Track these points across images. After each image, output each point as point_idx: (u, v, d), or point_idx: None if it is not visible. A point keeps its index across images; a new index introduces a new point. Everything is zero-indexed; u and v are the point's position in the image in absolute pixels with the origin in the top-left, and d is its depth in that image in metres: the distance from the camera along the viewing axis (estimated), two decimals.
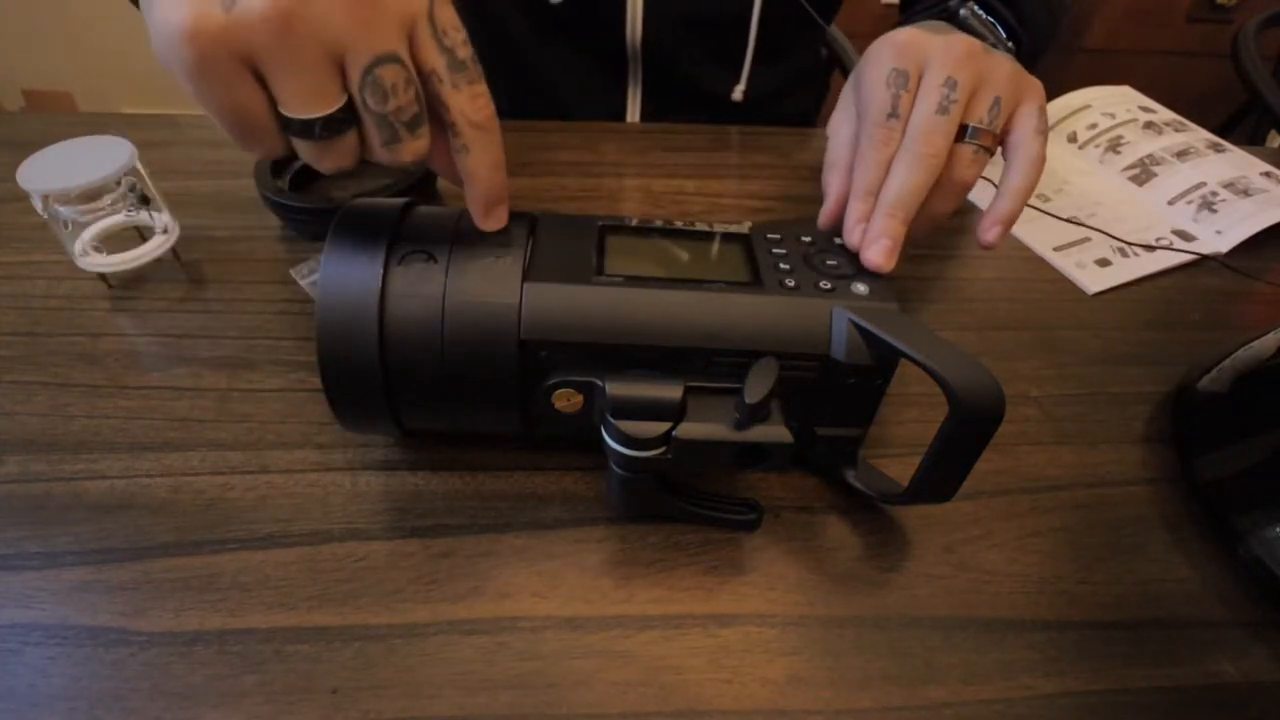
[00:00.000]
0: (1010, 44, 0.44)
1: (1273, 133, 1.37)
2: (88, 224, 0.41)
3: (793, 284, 0.29)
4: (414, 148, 0.25)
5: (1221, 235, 0.51)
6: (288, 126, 0.23)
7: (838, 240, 0.33)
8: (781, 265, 0.30)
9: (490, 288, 0.28)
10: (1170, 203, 0.55)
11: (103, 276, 0.42)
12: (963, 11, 0.41)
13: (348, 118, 0.24)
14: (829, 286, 0.29)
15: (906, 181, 0.31)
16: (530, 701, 0.26)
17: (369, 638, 0.28)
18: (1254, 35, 0.94)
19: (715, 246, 0.32)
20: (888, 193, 0.31)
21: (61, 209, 0.39)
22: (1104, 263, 0.49)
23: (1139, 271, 0.49)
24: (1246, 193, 0.54)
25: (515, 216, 0.31)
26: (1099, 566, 0.32)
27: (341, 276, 0.27)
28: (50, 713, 0.25)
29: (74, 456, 0.33)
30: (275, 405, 0.36)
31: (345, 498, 0.32)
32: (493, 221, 0.29)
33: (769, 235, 0.32)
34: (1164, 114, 0.63)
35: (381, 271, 0.27)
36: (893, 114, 0.32)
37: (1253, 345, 0.40)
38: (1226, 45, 0.96)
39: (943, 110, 0.31)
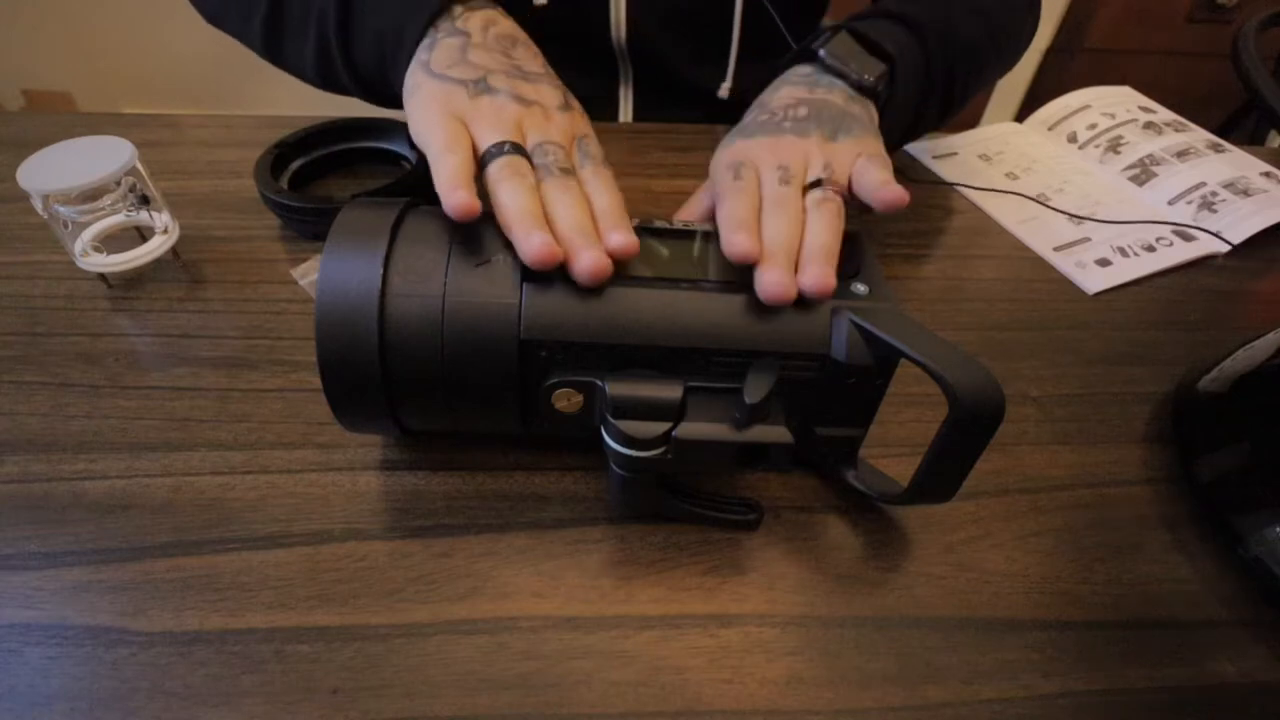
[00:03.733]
0: (879, 71, 0.43)
1: (1273, 133, 1.37)
2: (88, 224, 0.41)
3: None
4: (563, 182, 0.31)
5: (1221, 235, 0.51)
6: (483, 158, 0.32)
7: None
8: None
9: (490, 288, 0.28)
10: (1170, 203, 0.55)
11: (103, 276, 0.42)
12: (822, 52, 0.43)
13: (525, 154, 0.32)
14: None
15: (783, 230, 0.32)
16: (530, 701, 0.26)
17: (369, 638, 0.28)
18: (1254, 35, 0.94)
19: (715, 247, 0.32)
20: (773, 244, 0.31)
21: (61, 209, 0.39)
22: (1104, 263, 0.49)
23: (1139, 271, 0.49)
24: (1246, 193, 0.54)
25: None
26: (1099, 566, 0.32)
27: (341, 276, 0.27)
28: (50, 713, 0.25)
29: (74, 456, 0.33)
30: (275, 405, 0.36)
31: (345, 498, 0.32)
32: (614, 245, 0.28)
33: None
34: (1164, 114, 0.63)
35: (381, 271, 0.27)
36: (737, 176, 0.35)
37: (1253, 345, 0.40)
38: (1226, 45, 0.96)
39: (784, 182, 0.34)
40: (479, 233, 0.29)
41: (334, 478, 0.33)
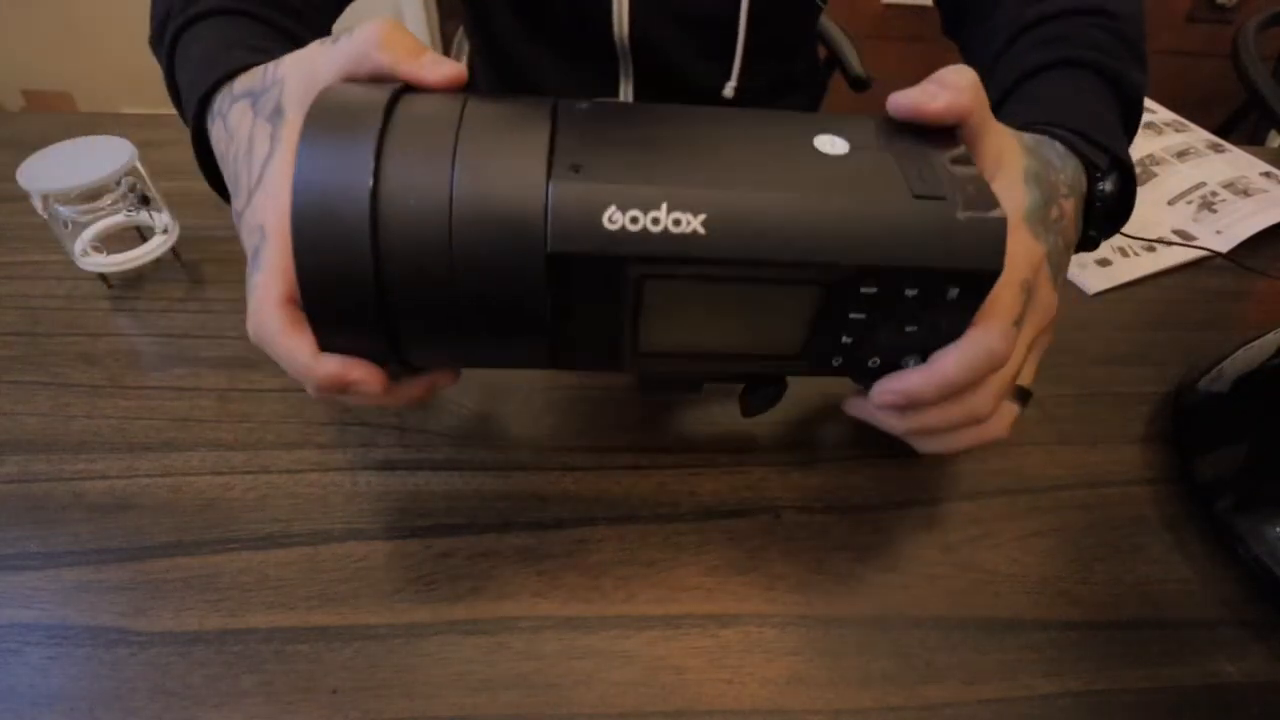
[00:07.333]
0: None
1: (1273, 133, 1.37)
2: (88, 224, 0.41)
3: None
4: None
5: (1221, 235, 0.51)
6: None
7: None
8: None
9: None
10: (1170, 203, 0.55)
11: (103, 276, 0.42)
12: (1102, 187, 0.32)
13: None
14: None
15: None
16: (530, 701, 0.26)
17: (369, 638, 0.28)
18: (1254, 35, 0.94)
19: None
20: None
21: (61, 209, 0.39)
22: (1104, 263, 0.49)
23: (1139, 271, 0.49)
24: (1246, 193, 0.54)
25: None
26: (1099, 566, 0.32)
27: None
28: (50, 713, 0.25)
29: (74, 456, 0.33)
30: (275, 405, 0.36)
31: (345, 498, 0.32)
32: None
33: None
34: (1164, 114, 0.63)
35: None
36: (1017, 323, 0.28)
37: (1253, 345, 0.40)
38: (1226, 45, 0.96)
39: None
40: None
41: (334, 478, 0.33)
